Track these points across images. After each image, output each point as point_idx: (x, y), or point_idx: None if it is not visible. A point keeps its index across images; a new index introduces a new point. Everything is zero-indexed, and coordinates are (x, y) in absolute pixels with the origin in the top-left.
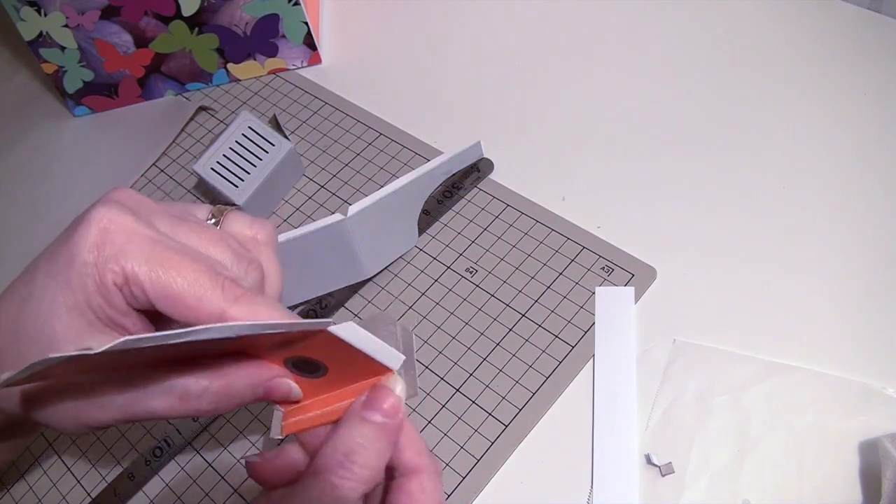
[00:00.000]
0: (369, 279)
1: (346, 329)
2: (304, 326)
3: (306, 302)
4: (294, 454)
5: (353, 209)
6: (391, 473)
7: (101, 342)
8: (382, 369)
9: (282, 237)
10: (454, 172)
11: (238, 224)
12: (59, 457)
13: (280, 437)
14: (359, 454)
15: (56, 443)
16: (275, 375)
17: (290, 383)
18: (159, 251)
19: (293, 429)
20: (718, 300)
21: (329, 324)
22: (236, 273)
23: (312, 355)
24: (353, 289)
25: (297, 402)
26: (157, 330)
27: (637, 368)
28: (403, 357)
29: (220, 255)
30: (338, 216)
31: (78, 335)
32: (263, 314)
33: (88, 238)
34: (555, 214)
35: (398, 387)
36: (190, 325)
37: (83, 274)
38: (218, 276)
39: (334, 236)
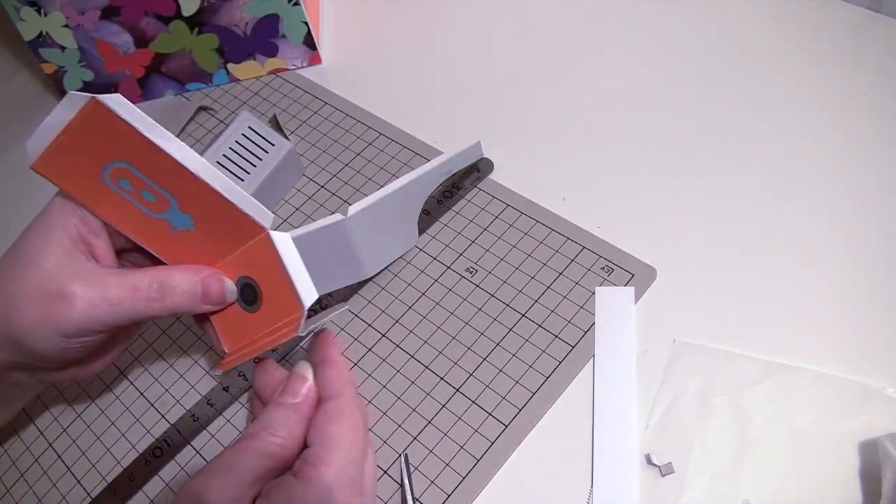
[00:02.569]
0: (369, 279)
1: (282, 238)
2: (249, 208)
3: None
4: None
5: (353, 209)
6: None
7: (70, 263)
8: (295, 304)
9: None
10: (454, 172)
11: None
12: (59, 457)
13: (219, 373)
14: (278, 428)
15: (56, 443)
16: (211, 273)
17: (223, 279)
18: None
19: (228, 367)
20: (718, 300)
21: (267, 218)
22: None
23: (250, 272)
24: (354, 289)
25: (233, 345)
26: (119, 262)
27: (637, 368)
28: (316, 295)
29: None
30: (338, 216)
31: (55, 250)
32: None
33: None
34: (555, 214)
35: (310, 373)
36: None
37: (62, 207)
38: None
39: (334, 236)
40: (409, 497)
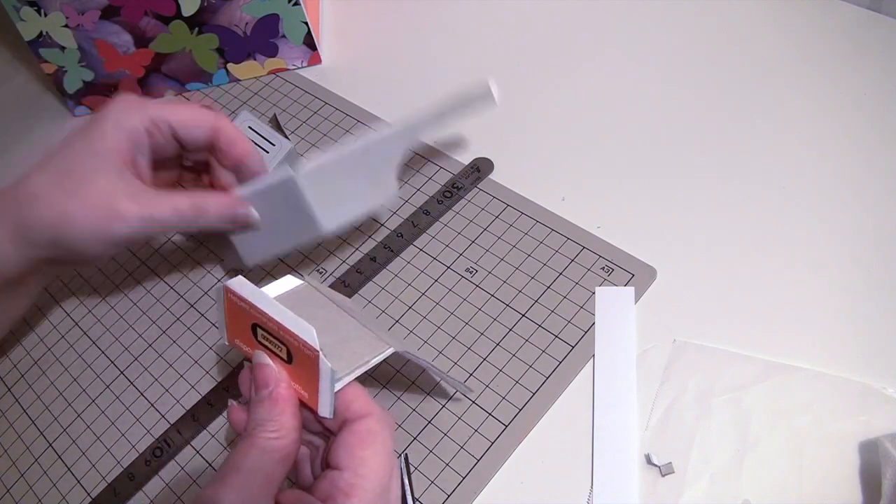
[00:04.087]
0: (369, 279)
1: (238, 282)
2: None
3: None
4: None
5: (306, 168)
6: (341, 425)
7: (122, 182)
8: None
9: (236, 191)
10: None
11: None
12: (59, 457)
13: (226, 343)
14: (266, 422)
15: (56, 443)
16: (239, 203)
17: (249, 207)
18: (164, 102)
19: (237, 345)
20: (718, 300)
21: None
22: None
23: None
24: (354, 288)
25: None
26: (154, 175)
27: (637, 368)
28: (330, 415)
29: None
30: (286, 172)
31: (110, 169)
32: (243, 139)
33: (116, 108)
34: (555, 214)
35: (266, 359)
36: (191, 144)
37: (116, 132)
38: (213, 110)
39: (284, 193)
40: (409, 497)
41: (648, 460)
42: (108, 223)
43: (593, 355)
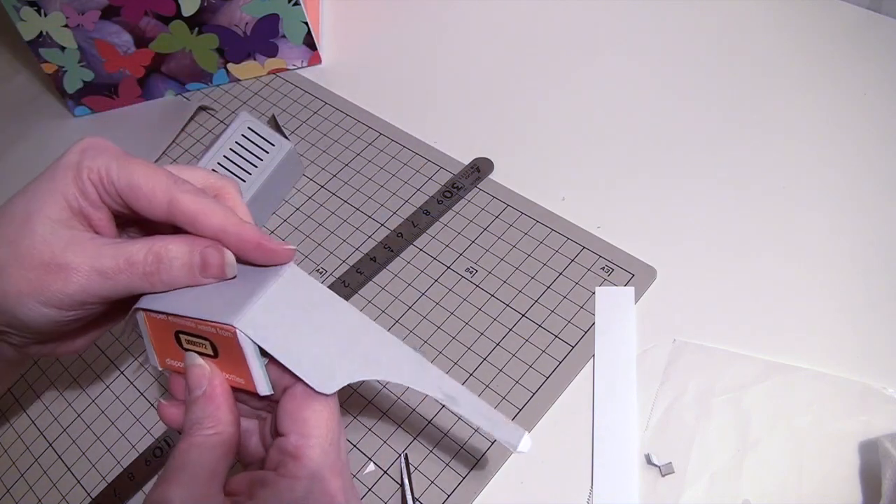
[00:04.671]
0: (369, 279)
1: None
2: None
3: None
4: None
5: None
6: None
7: (65, 231)
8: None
9: None
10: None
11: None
12: (60, 457)
13: (158, 368)
14: (203, 419)
15: (56, 443)
16: (210, 244)
17: (224, 250)
18: (128, 157)
19: (169, 365)
20: (718, 300)
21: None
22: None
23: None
24: (353, 288)
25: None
26: (120, 234)
27: (637, 368)
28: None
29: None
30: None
31: (52, 215)
32: (210, 212)
33: (75, 149)
34: (555, 214)
35: (199, 360)
36: (147, 217)
37: (65, 173)
38: (173, 176)
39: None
40: (409, 497)
41: (648, 460)
42: (46, 278)
43: (593, 355)
